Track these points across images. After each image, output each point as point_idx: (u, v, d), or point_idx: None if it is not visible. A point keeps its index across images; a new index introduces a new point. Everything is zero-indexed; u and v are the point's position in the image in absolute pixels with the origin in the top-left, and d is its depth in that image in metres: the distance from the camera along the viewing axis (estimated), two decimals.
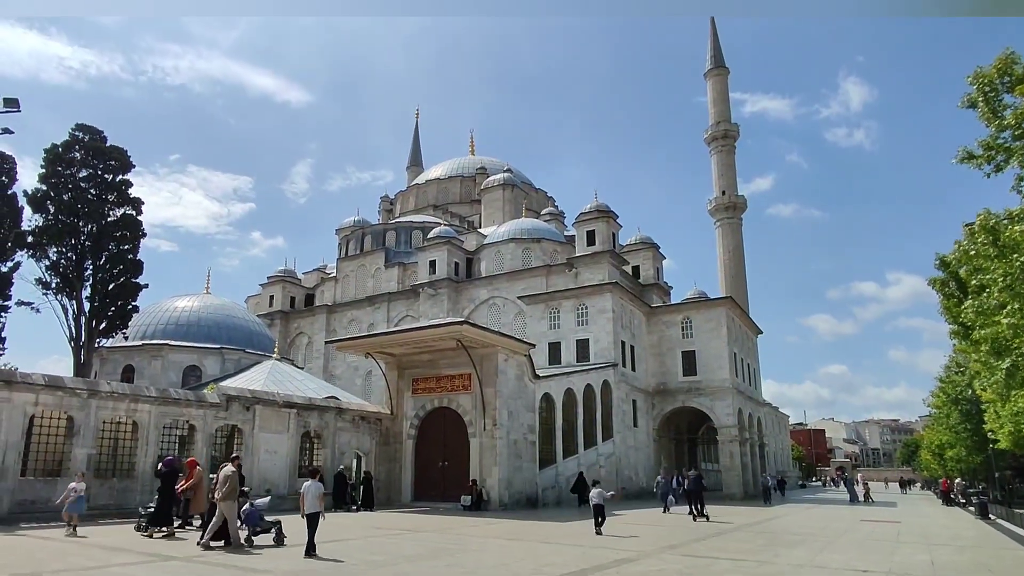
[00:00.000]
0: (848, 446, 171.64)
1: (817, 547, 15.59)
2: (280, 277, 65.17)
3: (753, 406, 47.41)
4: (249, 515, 14.28)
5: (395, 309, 57.09)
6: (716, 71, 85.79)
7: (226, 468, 13.47)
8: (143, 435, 20.94)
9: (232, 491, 13.14)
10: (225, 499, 13.06)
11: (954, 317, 18.64)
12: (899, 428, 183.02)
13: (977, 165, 13.67)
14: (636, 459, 39.60)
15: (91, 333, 32.12)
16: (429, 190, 74.41)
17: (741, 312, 48.65)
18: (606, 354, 38.37)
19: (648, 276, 52.67)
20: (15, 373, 19.52)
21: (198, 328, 40.37)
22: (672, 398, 42.97)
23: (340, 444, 27.48)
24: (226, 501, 13.07)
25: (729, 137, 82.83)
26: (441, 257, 54.15)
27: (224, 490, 13.03)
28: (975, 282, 14.33)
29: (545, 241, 53.62)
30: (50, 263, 31.80)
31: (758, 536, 18.28)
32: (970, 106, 13.61)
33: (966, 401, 33.45)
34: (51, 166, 32.37)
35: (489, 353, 27.15)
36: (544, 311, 41.72)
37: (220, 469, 13.70)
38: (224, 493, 13.03)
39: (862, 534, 19.36)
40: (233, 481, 13.18)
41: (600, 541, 15.95)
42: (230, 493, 13.09)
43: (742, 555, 13.83)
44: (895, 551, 15.28)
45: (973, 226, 14.80)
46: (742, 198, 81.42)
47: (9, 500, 17.54)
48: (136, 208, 34.24)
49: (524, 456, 28.08)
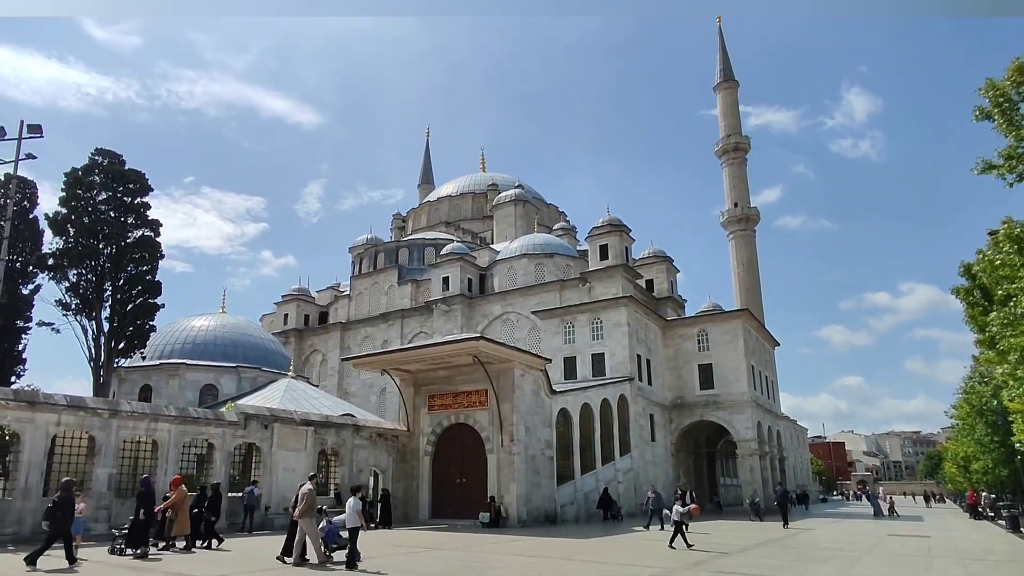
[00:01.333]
0: (869, 459, 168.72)
1: (847, 563, 15.24)
2: (294, 295, 65.56)
3: (772, 419, 46.78)
4: (328, 532, 14.42)
5: (409, 326, 57.15)
6: (725, 84, 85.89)
7: (305, 486, 13.82)
8: (163, 454, 20.98)
9: (311, 508, 13.48)
10: (303, 516, 13.37)
11: (980, 326, 18.31)
12: (921, 440, 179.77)
13: (1000, 175, 13.54)
14: (655, 474, 39.10)
15: (110, 353, 32.40)
16: (441, 207, 74.78)
17: (758, 324, 48.23)
18: (622, 368, 38.09)
19: (662, 289, 52.41)
20: (38, 393, 19.67)
21: (214, 347, 40.66)
22: (690, 412, 42.50)
23: (358, 461, 27.38)
24: (305, 518, 13.40)
25: (740, 150, 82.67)
26: (454, 273, 54.25)
27: (303, 507, 13.34)
28: (1001, 292, 14.11)
29: (558, 256, 53.59)
30: (70, 285, 32.20)
31: (785, 551, 17.92)
32: (984, 118, 13.49)
33: (992, 412, 32.73)
34: (71, 189, 32.90)
35: (505, 368, 27.03)
36: (559, 326, 41.57)
37: (299, 487, 14.02)
38: (302, 510, 13.34)
39: (892, 549, 18.93)
40: (311, 498, 13.52)
41: (627, 559, 15.71)
42: (308, 510, 13.41)
43: (771, 571, 13.55)
44: (928, 567, 14.92)
45: (997, 235, 14.60)
46: (755, 210, 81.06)
47: (33, 520, 17.55)
48: (154, 230, 34.68)
49: (542, 472, 27.81)
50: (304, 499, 13.42)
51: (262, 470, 23.74)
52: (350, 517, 13.09)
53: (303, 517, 13.38)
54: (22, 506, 17.61)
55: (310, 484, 13.99)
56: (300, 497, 13.58)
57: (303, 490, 13.70)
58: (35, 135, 26.30)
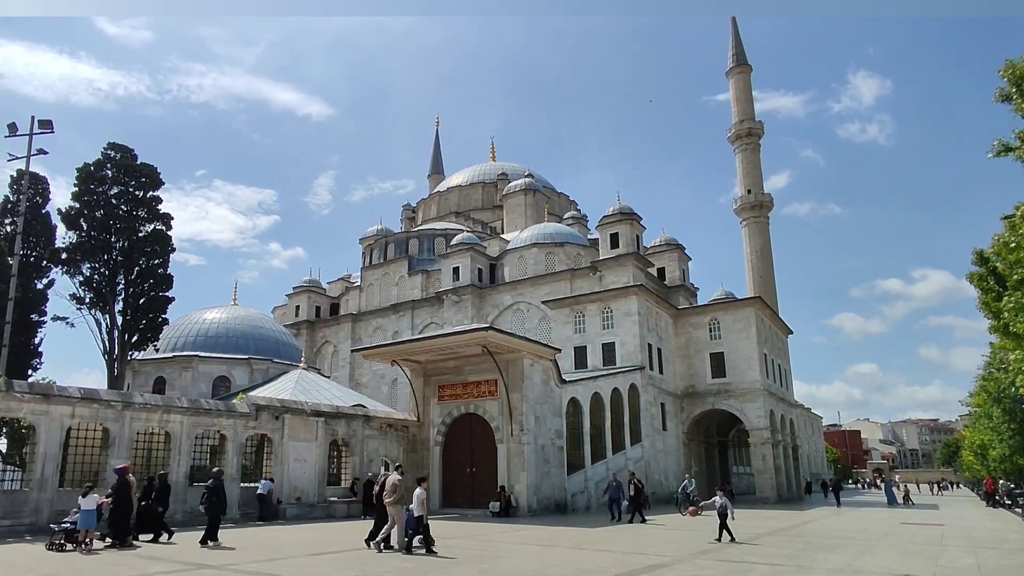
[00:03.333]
0: (885, 447, 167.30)
1: (856, 551, 15.12)
2: (305, 287, 65.96)
3: (785, 407, 46.47)
4: (408, 520, 14.77)
5: (419, 316, 57.33)
6: (739, 69, 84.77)
7: (393, 476, 14.74)
8: (176, 445, 21.24)
9: (402, 497, 14.38)
10: (396, 503, 14.27)
11: (994, 313, 18.02)
12: (938, 428, 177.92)
13: (1017, 157, 13.30)
14: (666, 463, 39.06)
15: (123, 346, 32.80)
16: (451, 197, 74.72)
17: (771, 312, 47.80)
18: (632, 357, 37.97)
19: (674, 278, 52.11)
20: (52, 387, 19.96)
21: (226, 339, 41.03)
22: (701, 401, 42.33)
23: (368, 452, 27.58)
24: (396, 506, 14.28)
25: (753, 135, 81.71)
26: (464, 263, 54.26)
27: (396, 496, 14.25)
28: (1016, 276, 13.85)
29: (568, 245, 53.39)
30: (84, 279, 32.57)
31: (794, 540, 17.82)
32: (1004, 99, 13.28)
33: (1009, 399, 32.32)
34: (84, 184, 33.20)
35: (515, 358, 27.03)
36: (569, 315, 41.48)
37: (387, 477, 14.90)
38: (395, 498, 14.26)
39: (904, 537, 18.78)
40: (402, 488, 14.37)
41: (634, 547, 15.70)
42: (400, 499, 14.35)
43: (779, 560, 13.48)
44: (939, 555, 14.76)
45: (1014, 218, 14.33)
46: (768, 196, 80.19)
47: (49, 510, 17.88)
48: (166, 223, 34.95)
49: (552, 461, 27.86)
50: (395, 488, 14.24)
51: (273, 461, 23.97)
52: (417, 506, 14.04)
53: (395, 505, 14.23)
54: (39, 496, 17.93)
55: (397, 474, 14.79)
56: (390, 486, 14.36)
57: (392, 479, 14.49)
58: (46, 131, 26.61)
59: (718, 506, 16.52)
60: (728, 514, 16.41)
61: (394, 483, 14.35)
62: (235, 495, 22.49)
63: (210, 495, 15.45)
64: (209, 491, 15.56)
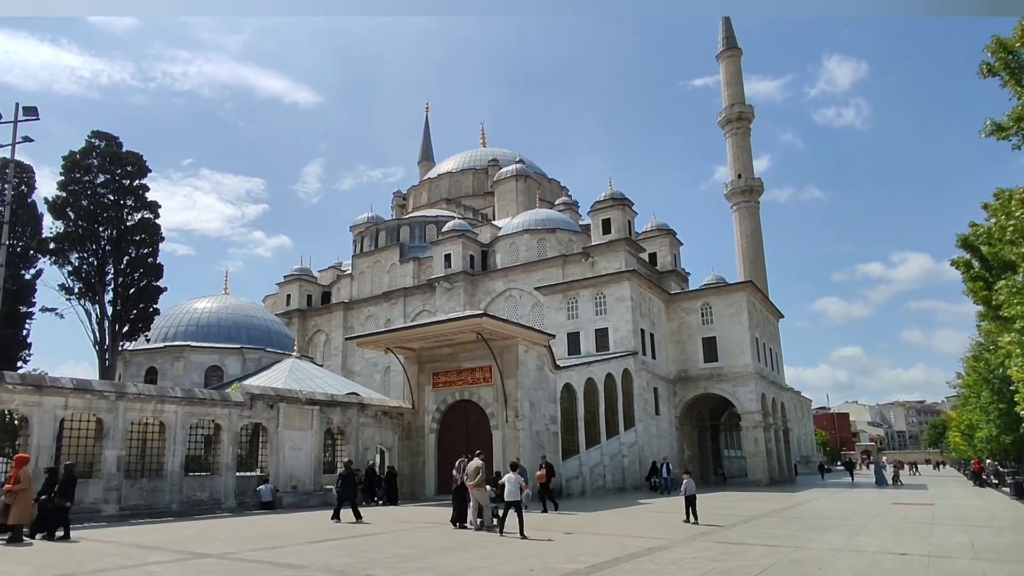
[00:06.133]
0: (873, 429, 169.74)
1: (851, 531, 15.34)
2: (296, 276, 65.58)
3: (776, 391, 46.91)
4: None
5: (411, 304, 57.20)
6: (729, 52, 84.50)
7: (475, 461, 15.76)
8: (170, 435, 21.14)
9: (484, 480, 15.51)
10: (479, 486, 15.38)
11: (982, 298, 18.19)
12: (925, 409, 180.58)
13: (1005, 137, 13.35)
14: (659, 447, 39.35)
15: (115, 336, 32.53)
16: (441, 184, 74.30)
17: (762, 296, 48.08)
18: (626, 343, 38.11)
19: (665, 263, 52.23)
20: (44, 377, 19.77)
21: (218, 329, 40.77)
22: (694, 385, 42.63)
23: (363, 440, 27.59)
24: (479, 488, 15.42)
25: (744, 119, 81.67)
26: (456, 251, 54.09)
27: (479, 479, 15.32)
28: (1013, 257, 13.96)
29: (560, 231, 53.33)
30: (72, 269, 32.21)
31: (789, 521, 18.05)
32: (990, 74, 13.31)
33: (997, 379, 32.72)
34: (69, 173, 32.73)
35: (509, 345, 27.05)
36: (562, 301, 41.51)
37: (469, 463, 15.93)
38: (478, 481, 15.31)
39: (896, 517, 19.05)
40: (484, 472, 15.57)
41: (631, 531, 15.83)
42: (483, 482, 15.47)
43: (776, 540, 13.64)
44: (931, 533, 15.00)
45: (1005, 197, 14.41)
46: (759, 181, 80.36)
47: None
48: (154, 212, 34.57)
49: (547, 447, 27.96)
50: (478, 472, 15.31)
51: (269, 450, 23.94)
52: (511, 491, 14.59)
53: (479, 487, 15.29)
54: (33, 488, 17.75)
55: (479, 460, 15.78)
56: (472, 470, 15.42)
57: (474, 464, 15.55)
58: (31, 118, 26.02)
59: (684, 488, 17.23)
60: (694, 495, 17.14)
61: (476, 467, 15.37)
62: (232, 485, 22.48)
63: (342, 481, 17.95)
64: (341, 479, 18.06)
